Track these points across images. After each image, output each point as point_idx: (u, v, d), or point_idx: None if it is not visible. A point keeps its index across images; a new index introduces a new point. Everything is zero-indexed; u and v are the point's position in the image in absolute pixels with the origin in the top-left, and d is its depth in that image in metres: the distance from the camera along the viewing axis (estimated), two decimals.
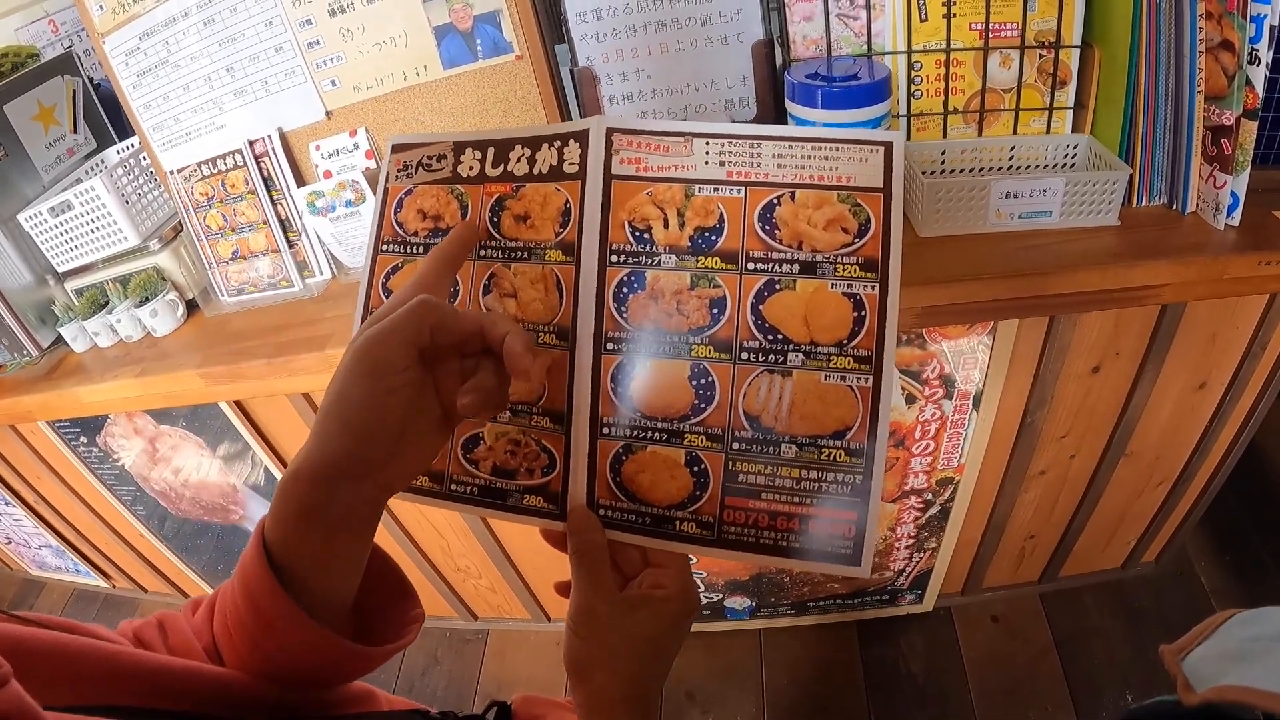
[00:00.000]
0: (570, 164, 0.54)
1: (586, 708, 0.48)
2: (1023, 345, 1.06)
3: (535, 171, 0.55)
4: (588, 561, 0.49)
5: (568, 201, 0.54)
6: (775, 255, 0.50)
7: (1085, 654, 1.49)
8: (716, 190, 0.52)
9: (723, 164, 0.52)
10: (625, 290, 0.52)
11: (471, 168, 0.57)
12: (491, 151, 0.56)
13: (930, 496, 1.28)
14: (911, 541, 1.38)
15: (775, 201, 0.51)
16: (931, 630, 1.57)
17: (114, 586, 2.00)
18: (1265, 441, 1.57)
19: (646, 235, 0.52)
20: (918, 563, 1.44)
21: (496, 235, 0.55)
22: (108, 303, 1.22)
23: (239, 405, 1.24)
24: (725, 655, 1.61)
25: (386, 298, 0.57)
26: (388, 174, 0.59)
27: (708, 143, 0.52)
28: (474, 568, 1.56)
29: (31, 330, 1.21)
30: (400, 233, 0.58)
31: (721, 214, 0.51)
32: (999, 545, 1.43)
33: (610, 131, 0.53)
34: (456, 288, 0.56)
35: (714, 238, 0.51)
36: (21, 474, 1.59)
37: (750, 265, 0.51)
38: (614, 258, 0.52)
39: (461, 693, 1.67)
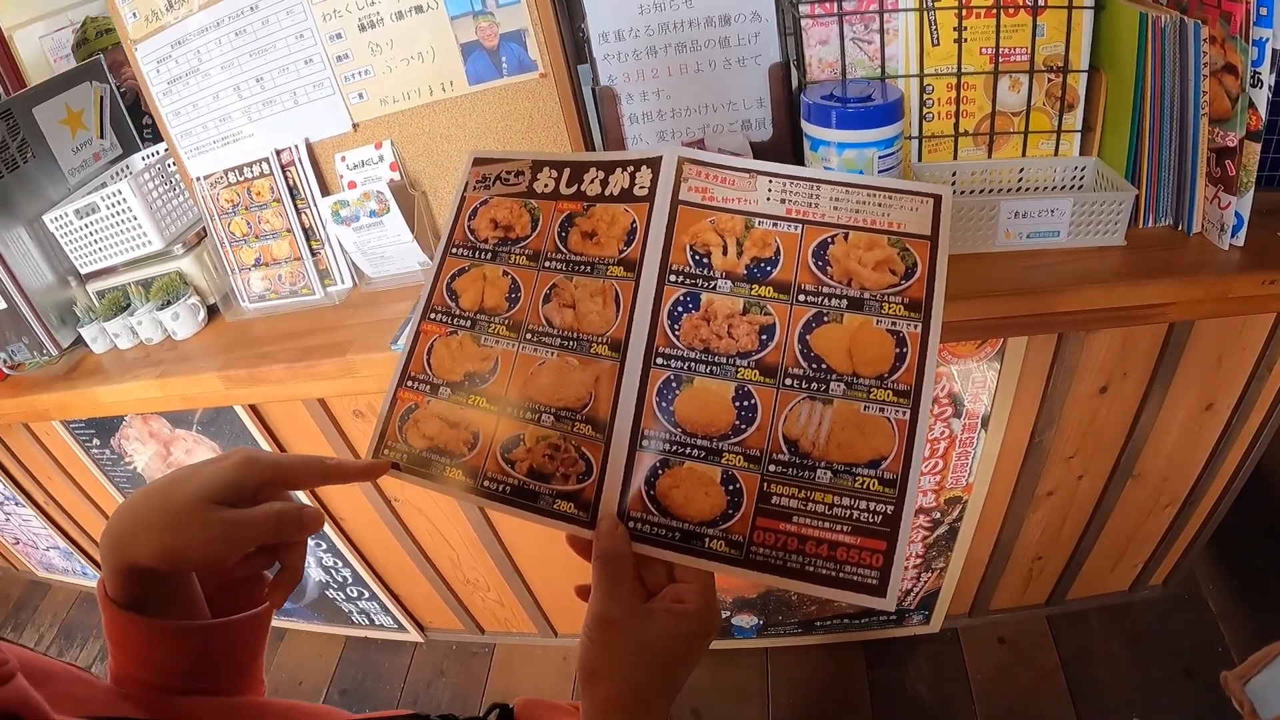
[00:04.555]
0: (641, 188, 0.57)
1: (590, 713, 0.48)
2: (1031, 365, 1.07)
3: (607, 193, 0.59)
4: (610, 568, 0.49)
5: (634, 222, 0.57)
6: (825, 290, 0.53)
7: (1092, 677, 1.48)
8: (775, 225, 0.55)
9: (783, 202, 0.56)
10: (680, 309, 0.54)
11: (546, 185, 0.61)
12: (567, 172, 0.61)
13: (939, 515, 1.29)
14: (919, 561, 1.38)
15: (829, 240, 0.54)
16: (938, 651, 1.56)
17: None
18: (1273, 463, 1.57)
19: (706, 260, 0.55)
20: (925, 583, 1.44)
21: (563, 249, 0.59)
22: (129, 305, 1.24)
23: (255, 410, 1.25)
24: (732, 673, 1.60)
25: (449, 297, 0.61)
26: (466, 184, 0.63)
27: (771, 181, 0.56)
28: (483, 580, 1.56)
29: (52, 330, 1.23)
30: (471, 238, 0.62)
31: (778, 247, 0.55)
32: (1006, 566, 1.43)
33: (682, 161, 0.57)
34: (518, 294, 0.59)
35: (769, 268, 0.54)
36: (33, 474, 1.60)
37: (801, 297, 0.53)
38: (673, 277, 0.55)
39: (466, 706, 1.66)
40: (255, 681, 0.54)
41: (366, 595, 1.64)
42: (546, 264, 0.59)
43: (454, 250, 0.62)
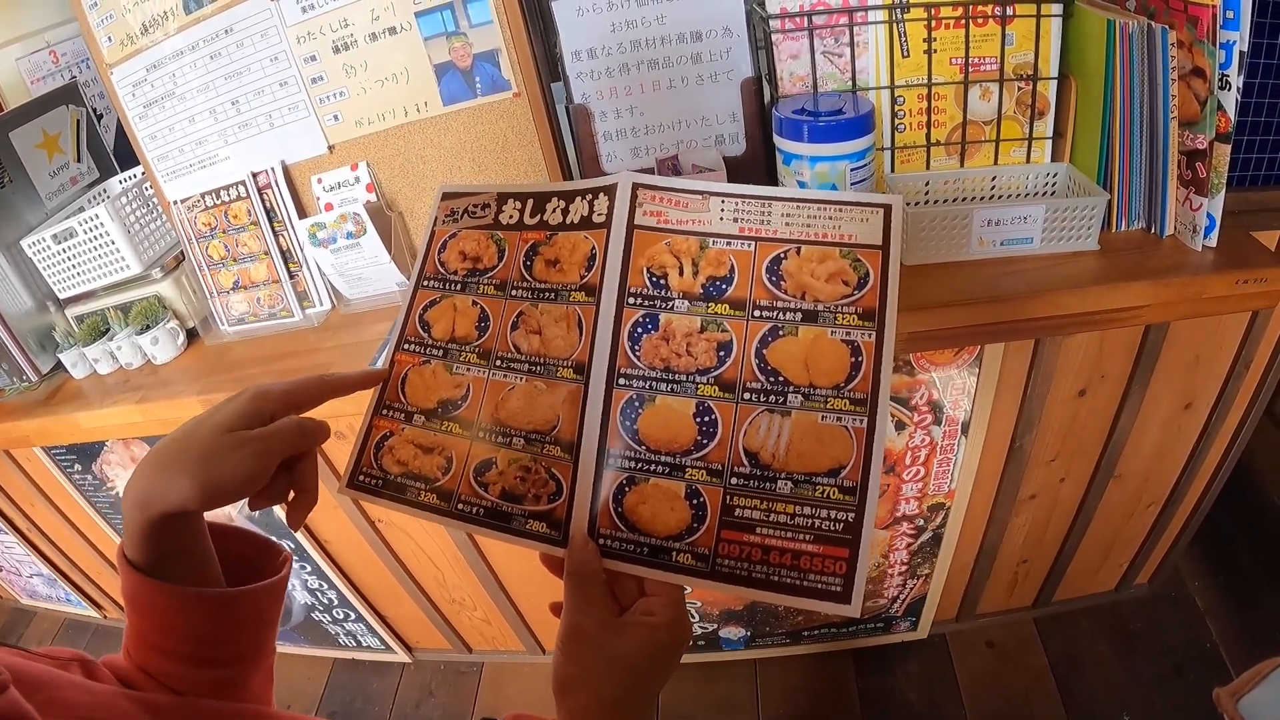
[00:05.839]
0: (599, 214, 0.59)
1: None
2: (1009, 370, 1.08)
3: (568, 221, 0.60)
4: (581, 583, 0.50)
5: (594, 248, 0.58)
6: (780, 304, 0.54)
7: (1081, 678, 1.49)
8: (729, 244, 0.56)
9: (736, 221, 0.57)
10: (640, 330, 0.55)
11: (511, 216, 0.63)
12: (530, 202, 0.62)
13: (922, 522, 1.29)
14: (905, 568, 1.38)
15: (782, 255, 0.55)
16: (927, 657, 1.57)
17: (105, 617, 1.99)
18: (1254, 460, 1.58)
19: (663, 281, 0.56)
20: (911, 589, 1.44)
21: (528, 277, 0.60)
22: (108, 330, 1.23)
23: None
24: (720, 686, 1.60)
25: (422, 328, 0.62)
26: (436, 218, 0.65)
27: (723, 201, 0.57)
28: (469, 599, 1.55)
29: (31, 356, 1.23)
30: (442, 270, 0.63)
31: (732, 265, 0.56)
32: (992, 570, 1.44)
33: (636, 186, 0.58)
34: (487, 322, 0.61)
35: (724, 286, 0.55)
36: (15, 501, 1.59)
37: (756, 312, 0.54)
38: (631, 300, 0.56)
39: None
40: (268, 650, 0.56)
41: (353, 617, 1.63)
42: (513, 292, 0.61)
43: (425, 283, 0.64)
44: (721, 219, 0.57)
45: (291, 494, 0.54)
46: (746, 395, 0.53)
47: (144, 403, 1.13)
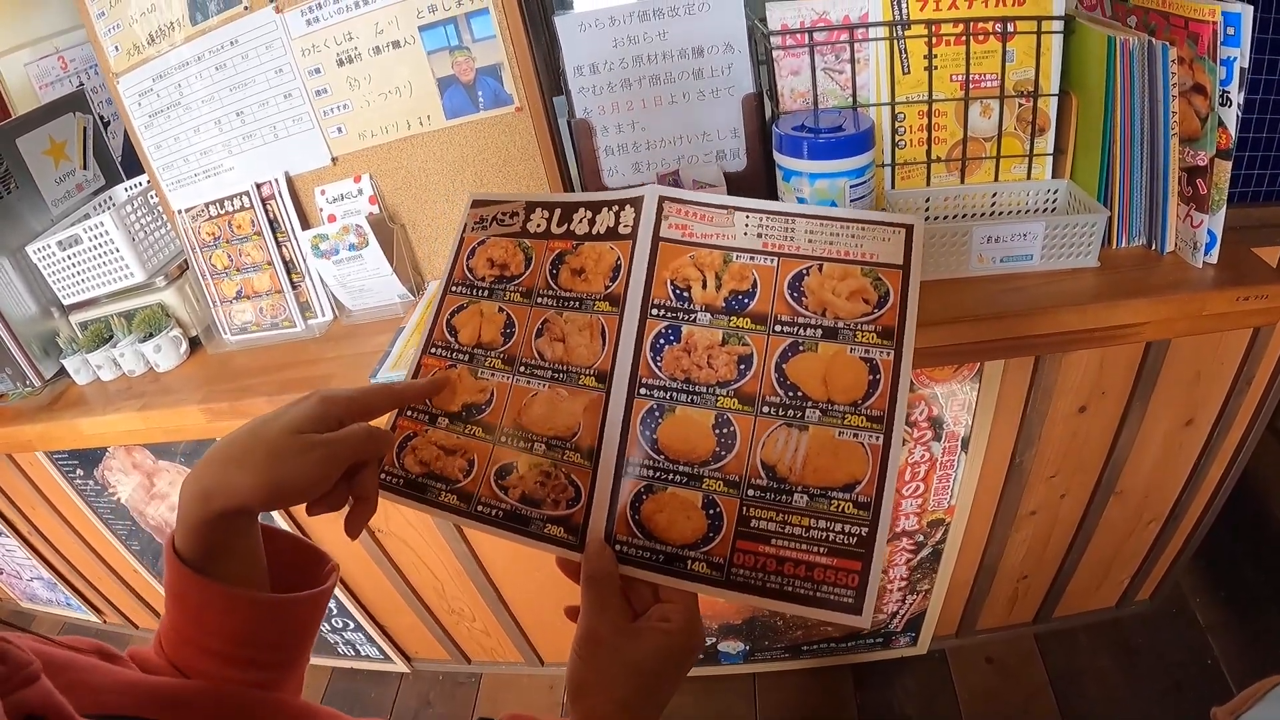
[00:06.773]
0: (625, 226, 0.60)
1: None
2: (1009, 387, 1.08)
3: (594, 231, 0.61)
4: (598, 589, 0.51)
5: (619, 259, 0.59)
6: (801, 320, 0.55)
7: (1081, 694, 1.48)
8: (752, 259, 0.57)
9: (760, 236, 0.58)
10: (662, 341, 0.57)
11: (539, 225, 0.64)
12: (558, 212, 0.64)
13: (922, 538, 1.29)
14: (904, 583, 1.38)
15: (804, 272, 0.56)
16: (926, 673, 1.56)
17: (105, 622, 1.99)
18: (1256, 476, 1.57)
19: (686, 294, 0.57)
20: (911, 605, 1.44)
21: (554, 286, 0.61)
22: (112, 337, 1.24)
23: None
24: (719, 700, 1.59)
25: (449, 333, 0.64)
26: (465, 225, 0.67)
27: (748, 216, 0.58)
28: (468, 610, 1.55)
29: (35, 361, 1.23)
30: (470, 277, 0.65)
31: (755, 280, 0.57)
32: (992, 586, 1.43)
33: (662, 200, 0.59)
34: (513, 329, 0.62)
35: (746, 301, 0.56)
36: (17, 504, 1.59)
37: (777, 327, 0.55)
38: (655, 311, 0.57)
39: None
40: (304, 658, 0.57)
41: (352, 626, 1.63)
42: (539, 300, 0.62)
43: (453, 288, 0.65)
44: (746, 234, 0.58)
45: (350, 501, 0.54)
46: (765, 409, 0.54)
47: (146, 410, 1.14)
